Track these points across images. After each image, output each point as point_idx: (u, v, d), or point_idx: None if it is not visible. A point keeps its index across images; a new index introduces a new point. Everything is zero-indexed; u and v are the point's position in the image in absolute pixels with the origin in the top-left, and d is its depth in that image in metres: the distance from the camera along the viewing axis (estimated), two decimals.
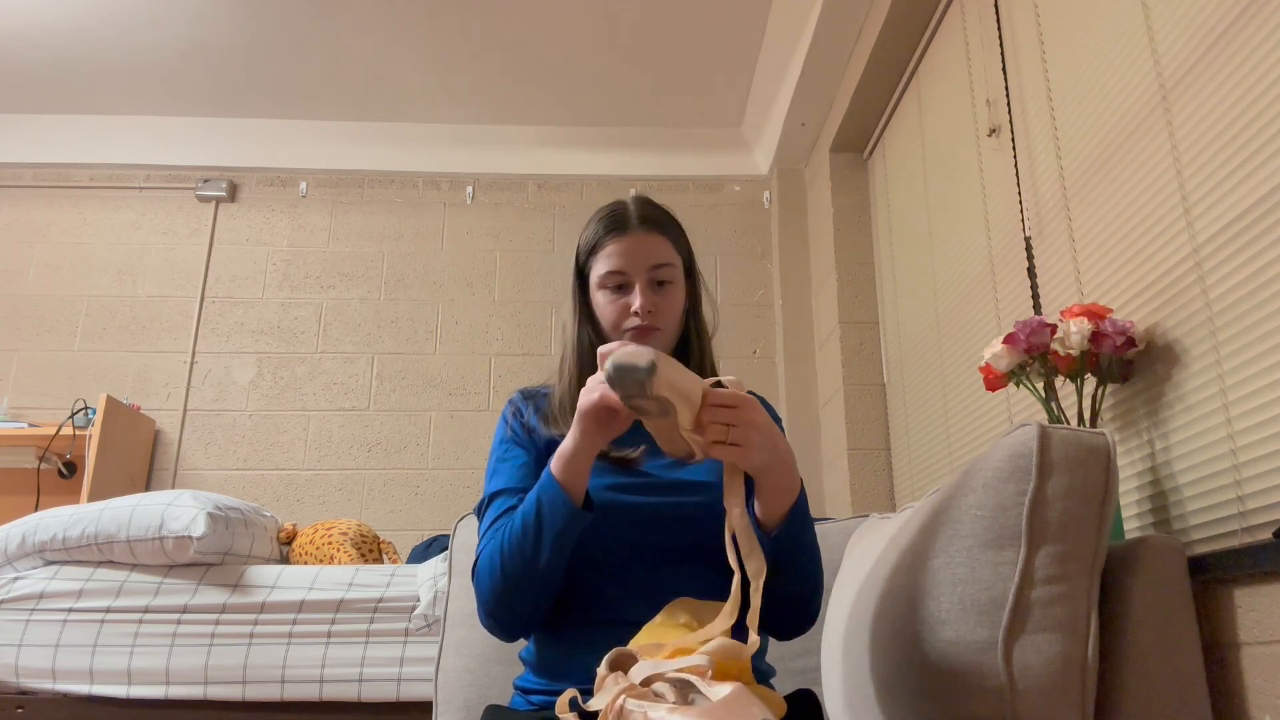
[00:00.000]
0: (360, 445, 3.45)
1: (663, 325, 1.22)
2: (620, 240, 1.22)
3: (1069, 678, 0.98)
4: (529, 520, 1.04)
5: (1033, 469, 1.02)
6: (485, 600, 1.09)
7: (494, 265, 3.70)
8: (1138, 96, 1.58)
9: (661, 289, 1.23)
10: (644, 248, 1.22)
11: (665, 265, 1.23)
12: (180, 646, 2.05)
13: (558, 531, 1.02)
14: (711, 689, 0.78)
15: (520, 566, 1.04)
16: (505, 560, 1.06)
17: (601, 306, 1.24)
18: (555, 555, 1.04)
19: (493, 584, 1.07)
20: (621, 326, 1.21)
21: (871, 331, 3.12)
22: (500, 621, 1.09)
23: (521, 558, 1.04)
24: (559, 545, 1.03)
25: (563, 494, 1.02)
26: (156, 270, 3.62)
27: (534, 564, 1.04)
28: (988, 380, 1.62)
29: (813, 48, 2.91)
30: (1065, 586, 1.01)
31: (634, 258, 1.21)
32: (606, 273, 1.22)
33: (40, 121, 3.68)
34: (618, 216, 1.24)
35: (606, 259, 1.22)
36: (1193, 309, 1.40)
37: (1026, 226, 2.01)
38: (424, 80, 3.47)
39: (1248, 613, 1.17)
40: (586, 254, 1.26)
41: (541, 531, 1.03)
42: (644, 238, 1.22)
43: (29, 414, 3.35)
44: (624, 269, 1.21)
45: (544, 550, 1.03)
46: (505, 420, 1.26)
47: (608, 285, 1.22)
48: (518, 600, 1.07)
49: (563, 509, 1.02)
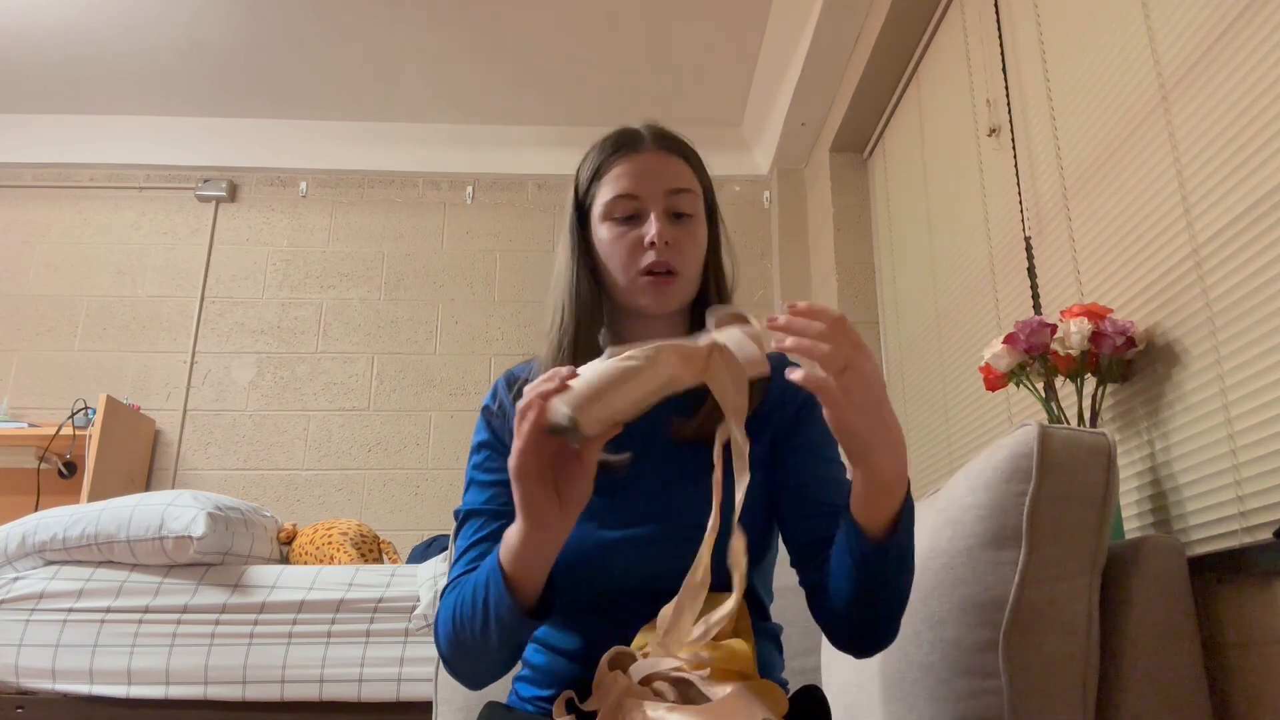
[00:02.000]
0: (360, 445, 3.45)
1: (682, 268, 1.00)
2: (632, 160, 1.02)
3: (1069, 678, 0.98)
4: (477, 606, 0.88)
5: (1033, 469, 1.02)
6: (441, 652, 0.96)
7: (494, 265, 3.70)
8: (1138, 96, 1.57)
9: (680, 222, 1.02)
10: (660, 168, 1.02)
11: (686, 191, 1.02)
12: (180, 646, 2.05)
13: (506, 632, 0.87)
14: (711, 688, 0.78)
15: (473, 647, 0.91)
16: (457, 630, 0.91)
17: (607, 243, 1.02)
18: (506, 650, 0.91)
19: (447, 644, 0.94)
20: (634, 266, 1.00)
21: (871, 331, 3.12)
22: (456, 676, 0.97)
23: (472, 638, 0.90)
24: (509, 642, 0.90)
25: (508, 597, 0.85)
26: (156, 270, 3.62)
27: (485, 649, 0.90)
28: (988, 380, 1.62)
29: (813, 48, 2.91)
30: (1065, 586, 1.01)
31: (648, 179, 1.01)
32: (614, 198, 1.01)
33: (40, 121, 3.68)
34: (627, 136, 1.05)
35: (614, 182, 1.01)
36: (1193, 309, 1.40)
37: (1026, 226, 2.01)
38: (424, 80, 3.47)
39: (1248, 613, 1.17)
40: (588, 182, 1.05)
41: (489, 626, 0.88)
42: (661, 157, 1.03)
43: (29, 414, 3.35)
44: (636, 191, 1.00)
45: (491, 642, 0.89)
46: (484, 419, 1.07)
47: (614, 215, 1.01)
48: (472, 668, 0.95)
49: (509, 614, 0.85)
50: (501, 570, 0.85)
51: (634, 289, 1.01)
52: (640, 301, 1.01)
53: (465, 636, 0.91)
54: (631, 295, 1.02)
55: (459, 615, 0.91)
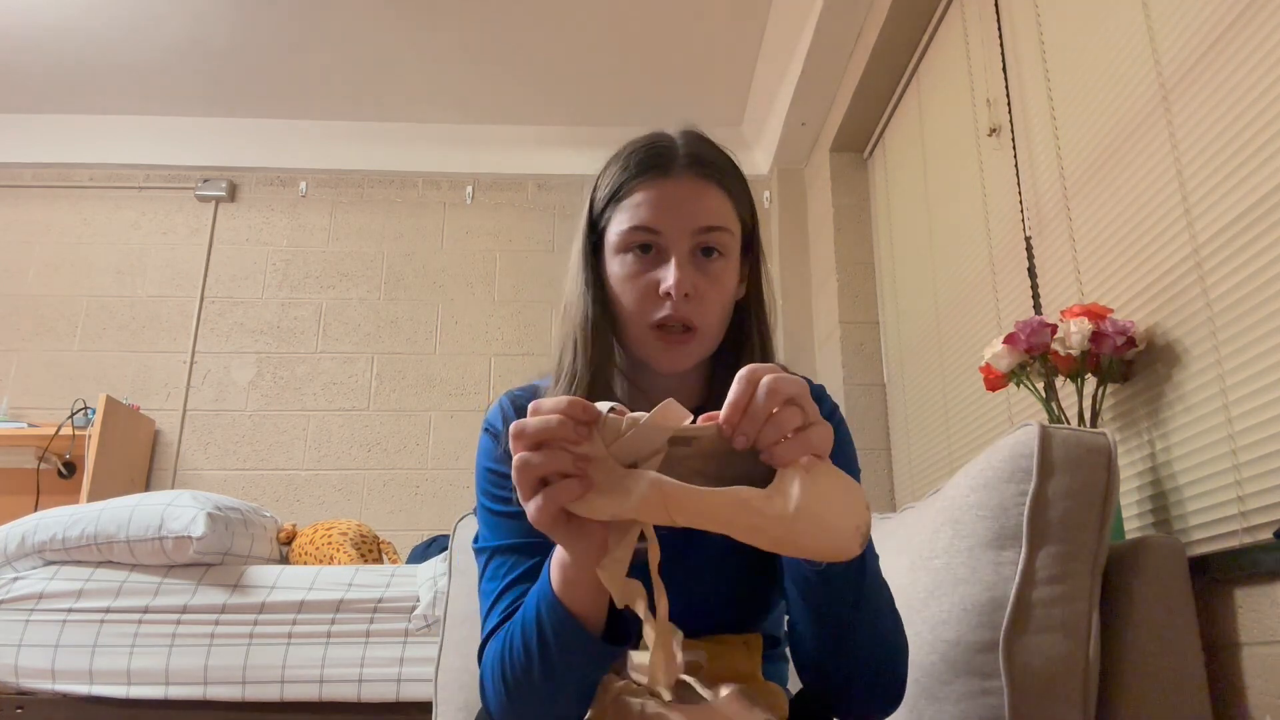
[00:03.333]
0: (360, 445, 3.45)
1: (701, 322, 0.86)
2: (658, 187, 0.86)
3: (1070, 678, 0.98)
4: (531, 647, 0.73)
5: (1033, 469, 1.02)
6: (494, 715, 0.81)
7: (494, 265, 3.70)
8: (1138, 96, 1.57)
9: (707, 263, 0.87)
10: (690, 200, 0.86)
11: (718, 230, 0.87)
12: (180, 647, 2.05)
13: (580, 675, 0.74)
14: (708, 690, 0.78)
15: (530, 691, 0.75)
16: (514, 687, 0.76)
17: (619, 279, 0.88)
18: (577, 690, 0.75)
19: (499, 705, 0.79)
20: (646, 316, 0.86)
21: (871, 331, 3.12)
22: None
23: (531, 688, 0.75)
24: (583, 689, 0.75)
25: (573, 622, 0.71)
26: (156, 270, 3.62)
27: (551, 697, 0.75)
28: (988, 380, 1.62)
29: (813, 47, 2.91)
30: (1066, 586, 1.01)
31: (673, 212, 0.86)
32: (631, 229, 0.87)
33: (40, 121, 3.68)
34: (657, 151, 0.88)
35: (633, 210, 0.87)
36: (1193, 309, 1.40)
37: (1026, 226, 2.01)
38: (424, 80, 3.47)
39: (1248, 613, 1.17)
40: (605, 202, 0.91)
41: (553, 670, 0.73)
42: (691, 186, 0.87)
43: (29, 414, 3.35)
44: (656, 225, 0.86)
45: (561, 691, 0.74)
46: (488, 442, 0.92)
47: (631, 246, 0.87)
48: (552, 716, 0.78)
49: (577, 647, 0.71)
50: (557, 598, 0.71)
51: (643, 342, 0.88)
52: (649, 358, 0.88)
53: (525, 688, 0.75)
54: (640, 347, 0.89)
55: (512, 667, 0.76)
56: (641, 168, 0.88)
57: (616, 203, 0.89)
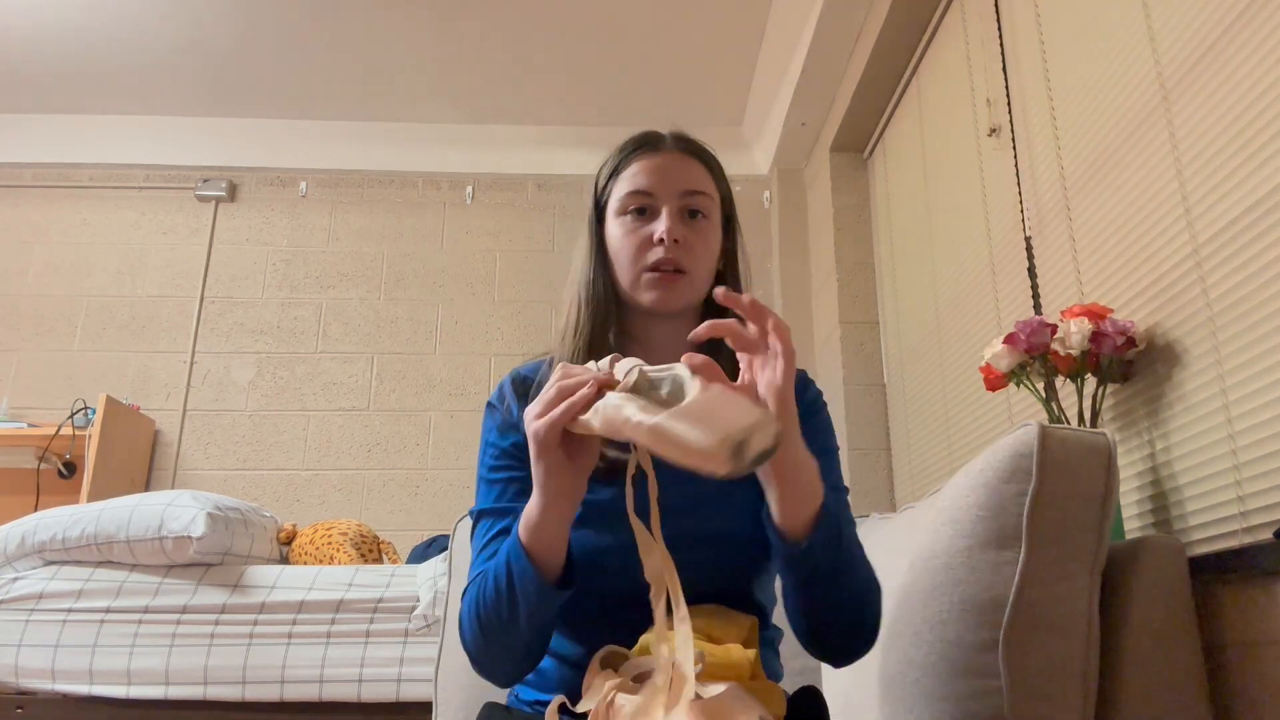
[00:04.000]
0: (360, 445, 3.45)
1: (690, 267, 1.01)
2: (649, 158, 1.04)
3: (1069, 678, 0.98)
4: (500, 587, 0.89)
5: (1033, 469, 1.02)
6: (469, 650, 0.96)
7: (494, 265, 3.70)
8: (1138, 96, 1.57)
9: (693, 222, 1.03)
10: (677, 168, 1.04)
11: (700, 194, 1.04)
12: (180, 647, 2.05)
13: (531, 609, 0.88)
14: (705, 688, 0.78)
15: (498, 633, 0.91)
16: (483, 622, 0.92)
17: (617, 238, 1.04)
18: (533, 629, 0.90)
19: (474, 639, 0.94)
20: (641, 262, 1.01)
21: (871, 331, 3.12)
22: (485, 672, 0.97)
23: (499, 623, 0.90)
24: (535, 622, 0.90)
25: (531, 568, 0.86)
26: (156, 270, 3.62)
27: (511, 633, 0.90)
28: (988, 380, 1.62)
29: (813, 48, 2.91)
30: (1065, 586, 1.01)
31: (663, 177, 1.03)
32: (628, 193, 1.03)
33: (40, 121, 3.68)
34: (648, 136, 1.07)
35: (630, 179, 1.04)
36: (1193, 309, 1.40)
37: (1026, 226, 2.01)
38: (424, 80, 3.47)
39: (1248, 613, 1.17)
40: (606, 180, 1.07)
41: (515, 605, 0.88)
42: (678, 158, 1.05)
43: (29, 414, 3.35)
44: (650, 189, 1.02)
45: (519, 623, 0.89)
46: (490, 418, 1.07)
47: (628, 209, 1.03)
48: (502, 658, 0.95)
49: (533, 586, 0.86)
50: (522, 546, 0.87)
51: (639, 285, 1.02)
52: (644, 298, 1.02)
53: (491, 624, 0.91)
54: (636, 291, 1.03)
55: (482, 604, 0.91)
56: (636, 145, 1.06)
57: (615, 177, 1.06)
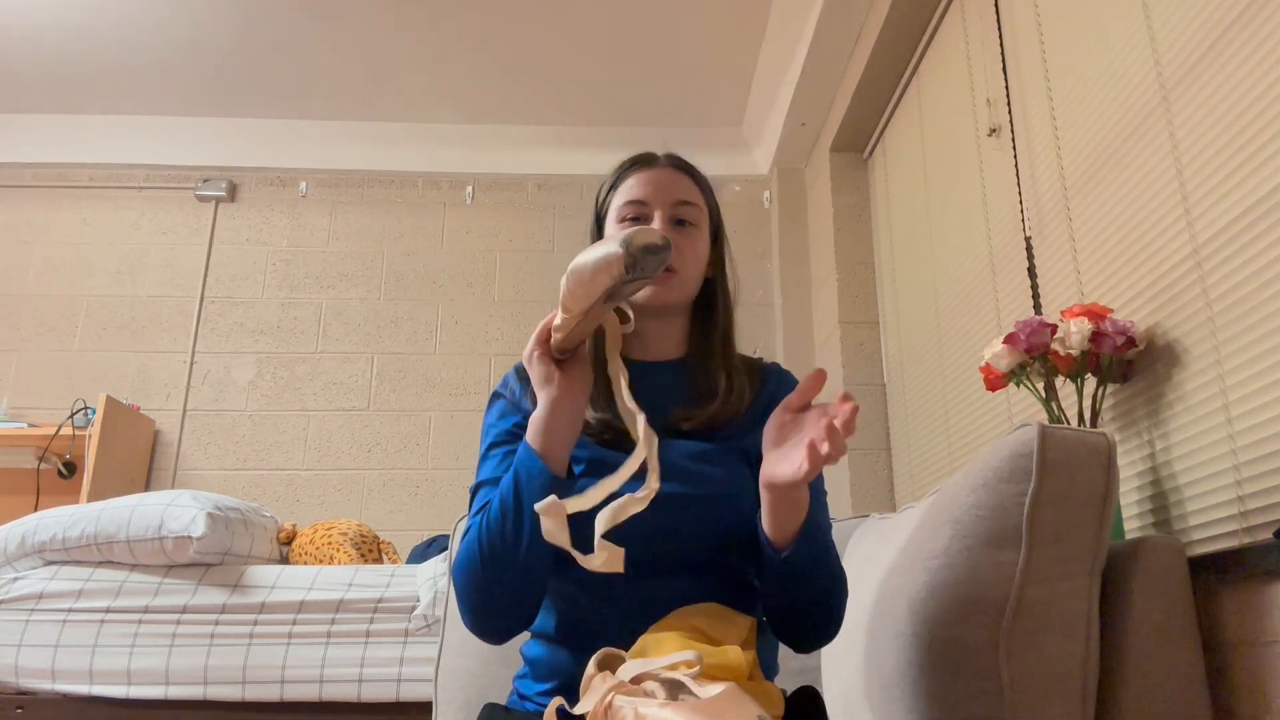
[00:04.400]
0: (360, 445, 3.45)
1: (680, 267, 1.10)
2: (644, 172, 1.16)
3: (1069, 678, 0.98)
4: (506, 499, 0.96)
5: (1033, 469, 1.02)
6: (466, 596, 0.99)
7: (494, 265, 3.70)
8: (1138, 96, 1.57)
9: (683, 229, 1.13)
10: (669, 181, 1.15)
11: (689, 204, 1.14)
12: (180, 647, 2.05)
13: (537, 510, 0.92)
14: (702, 689, 0.78)
15: (501, 552, 0.95)
16: (484, 547, 0.96)
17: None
18: (538, 536, 0.92)
19: (471, 575, 0.98)
20: None
21: (871, 331, 3.12)
22: (482, 619, 1.00)
23: (502, 542, 0.95)
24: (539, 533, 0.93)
25: (539, 463, 0.94)
26: (156, 270, 3.62)
27: (515, 549, 0.95)
28: (988, 380, 1.62)
29: (813, 48, 2.91)
30: (1066, 586, 1.01)
31: (656, 188, 1.14)
32: (625, 202, 1.14)
33: (40, 121, 3.68)
34: (643, 155, 1.20)
35: (627, 190, 1.15)
36: (1193, 309, 1.40)
37: (1026, 226, 2.01)
38: (424, 80, 3.47)
39: (1248, 613, 1.17)
40: (606, 192, 1.19)
41: (521, 510, 0.94)
42: (670, 173, 1.16)
43: (29, 414, 3.35)
44: (644, 198, 1.13)
45: (524, 531, 0.94)
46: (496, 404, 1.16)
47: (625, 217, 1.14)
48: (500, 592, 0.98)
49: (539, 478, 0.93)
50: (530, 448, 0.96)
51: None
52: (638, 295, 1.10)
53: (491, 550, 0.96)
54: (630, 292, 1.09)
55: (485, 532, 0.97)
56: (633, 162, 1.18)
57: (614, 189, 1.17)
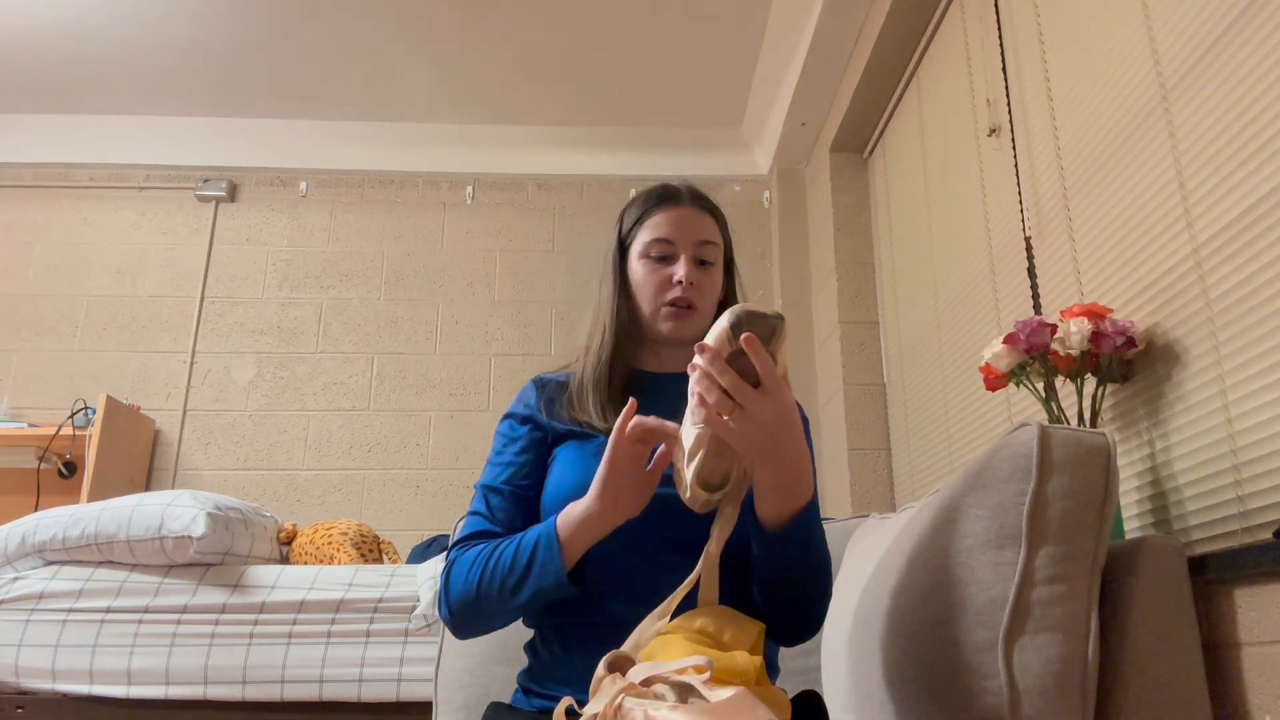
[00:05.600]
0: (360, 445, 3.45)
1: (701, 305, 1.20)
2: (670, 211, 1.21)
3: (1069, 678, 0.98)
4: (518, 564, 1.02)
5: (1033, 469, 1.02)
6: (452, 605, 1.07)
7: (494, 265, 3.70)
8: (1138, 96, 1.58)
9: (704, 268, 1.21)
10: (693, 221, 1.21)
11: (711, 244, 1.22)
12: (180, 646, 2.05)
13: (540, 590, 1.01)
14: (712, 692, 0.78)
15: (495, 601, 1.03)
16: (482, 588, 1.04)
17: (640, 277, 1.21)
18: (532, 605, 1.03)
19: (463, 599, 1.06)
20: (661, 298, 1.19)
21: (871, 331, 3.12)
22: (459, 628, 1.09)
23: (500, 593, 1.03)
24: (537, 599, 1.02)
25: (558, 560, 0.99)
26: (156, 270, 3.62)
27: (509, 603, 1.03)
28: (988, 380, 1.62)
29: (813, 48, 2.91)
30: (1065, 586, 1.01)
31: (683, 228, 1.20)
32: (652, 240, 1.20)
33: (40, 121, 3.68)
34: (669, 191, 1.25)
35: (653, 228, 1.21)
36: (1193, 309, 1.40)
37: (1026, 226, 2.01)
38: (424, 80, 3.47)
39: (1248, 613, 1.17)
40: (631, 225, 1.25)
41: (525, 582, 1.01)
42: (694, 213, 1.22)
43: (29, 414, 3.35)
44: (671, 238, 1.20)
45: (522, 598, 1.02)
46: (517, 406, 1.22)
47: (651, 254, 1.20)
48: (483, 621, 1.07)
49: (553, 577, 1.00)
50: (558, 538, 1.00)
51: (659, 316, 1.20)
52: (662, 327, 1.20)
53: (489, 591, 1.03)
54: (654, 322, 1.20)
55: (487, 575, 1.03)
56: (661, 199, 1.23)
57: (641, 224, 1.23)
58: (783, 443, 0.91)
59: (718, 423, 0.89)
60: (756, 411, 0.88)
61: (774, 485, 0.95)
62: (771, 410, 0.89)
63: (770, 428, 0.89)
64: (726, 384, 0.87)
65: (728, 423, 0.89)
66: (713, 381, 0.88)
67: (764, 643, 1.04)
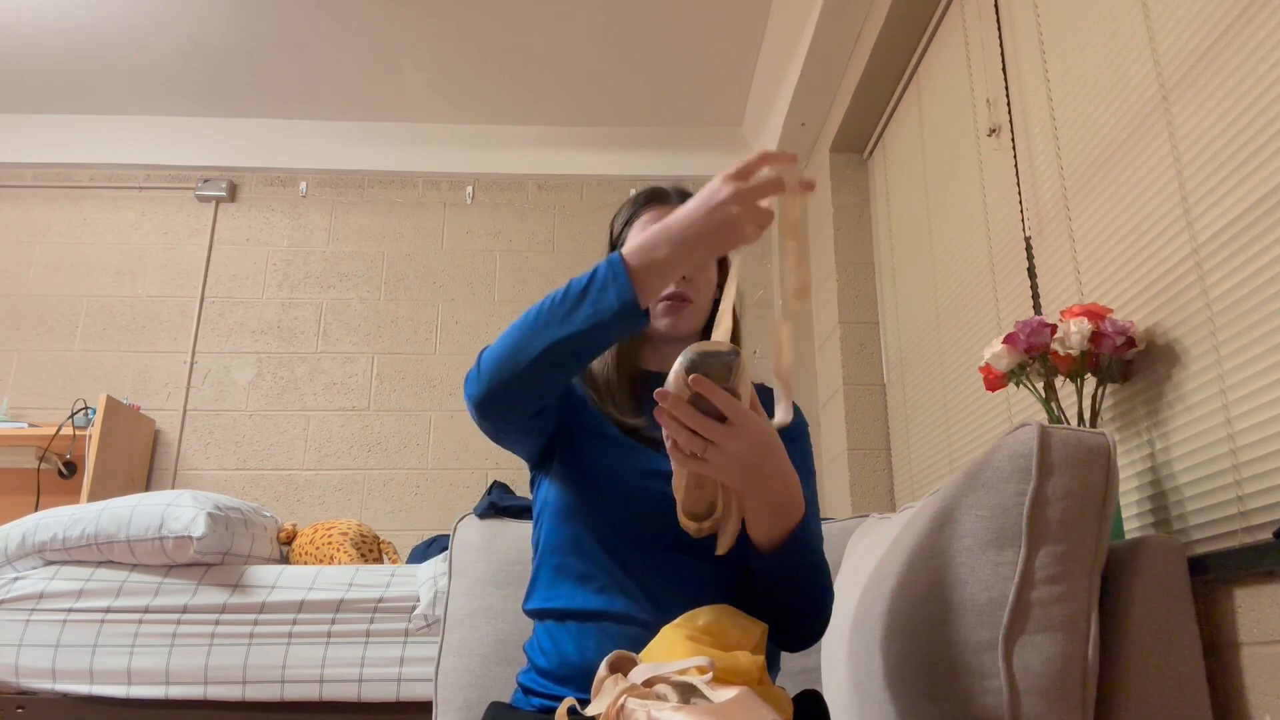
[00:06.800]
0: (360, 445, 3.45)
1: (695, 297, 1.22)
2: (658, 210, 1.24)
3: (1069, 678, 0.98)
4: (572, 290, 0.96)
5: (1033, 469, 1.02)
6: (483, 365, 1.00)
7: (494, 265, 3.70)
8: (1138, 96, 1.58)
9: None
10: None
11: None
12: (180, 646, 2.05)
13: (599, 313, 0.94)
14: (715, 693, 0.78)
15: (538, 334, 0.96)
16: (524, 325, 0.98)
17: None
18: (584, 342, 0.96)
19: (498, 351, 0.99)
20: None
21: (871, 331, 3.12)
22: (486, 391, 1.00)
23: (546, 323, 0.96)
24: (594, 330, 0.95)
25: (624, 276, 0.93)
26: (156, 270, 3.62)
27: (557, 332, 0.96)
28: (988, 380, 1.62)
29: (813, 48, 2.91)
30: (1065, 586, 1.01)
31: None
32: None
33: (40, 121, 3.68)
34: (657, 191, 1.27)
35: (642, 226, 1.23)
36: (1193, 309, 1.40)
37: (1026, 226, 2.01)
38: (424, 80, 3.47)
39: (1248, 613, 1.17)
40: (622, 227, 1.27)
41: (581, 304, 0.95)
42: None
43: (29, 414, 3.35)
44: None
45: (575, 324, 0.95)
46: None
47: None
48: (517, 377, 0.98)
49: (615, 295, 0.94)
50: (623, 261, 0.95)
51: (655, 311, 1.22)
52: (659, 322, 1.22)
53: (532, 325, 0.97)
54: (652, 316, 1.21)
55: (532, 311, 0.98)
56: (649, 199, 1.26)
57: (630, 225, 1.25)
58: (763, 469, 0.93)
59: (691, 463, 0.91)
60: (728, 446, 0.89)
61: (762, 510, 0.97)
62: (742, 442, 0.90)
63: (746, 459, 0.91)
64: (692, 425, 0.88)
65: (703, 460, 0.90)
66: (679, 424, 0.89)
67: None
